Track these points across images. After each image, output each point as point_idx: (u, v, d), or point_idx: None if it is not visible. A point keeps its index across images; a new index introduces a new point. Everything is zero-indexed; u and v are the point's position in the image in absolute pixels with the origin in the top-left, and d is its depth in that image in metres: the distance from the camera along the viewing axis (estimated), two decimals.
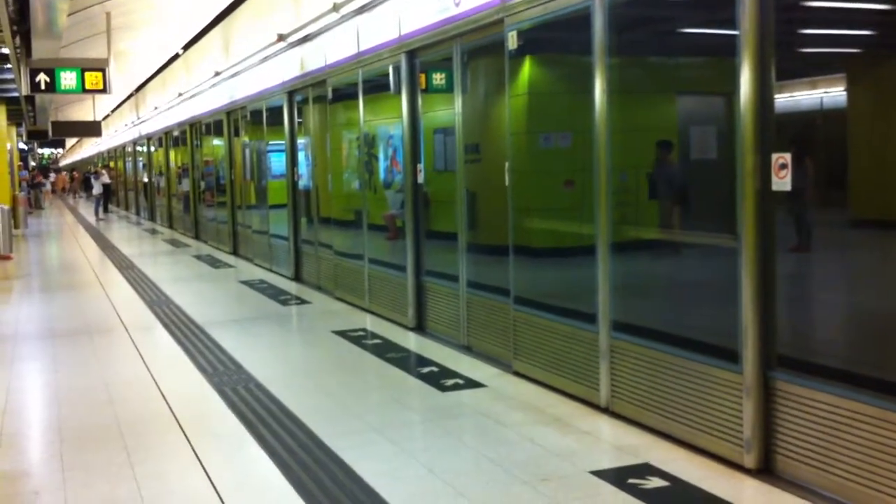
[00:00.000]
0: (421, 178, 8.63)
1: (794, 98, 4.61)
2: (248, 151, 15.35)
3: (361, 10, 9.29)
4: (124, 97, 30.38)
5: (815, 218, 4.62)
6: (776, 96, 4.46)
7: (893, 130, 4.11)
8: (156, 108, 24.53)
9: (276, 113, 13.26)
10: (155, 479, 4.87)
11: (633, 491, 4.45)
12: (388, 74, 8.79)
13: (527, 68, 6.77)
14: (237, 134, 16.17)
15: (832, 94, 4.51)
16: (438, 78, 8.44)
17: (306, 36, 11.14)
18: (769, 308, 4.55)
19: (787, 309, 4.58)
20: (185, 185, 21.59)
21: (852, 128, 4.39)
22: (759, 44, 4.45)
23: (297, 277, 12.78)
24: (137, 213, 32.10)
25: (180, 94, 20.30)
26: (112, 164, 40.87)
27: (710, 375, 4.85)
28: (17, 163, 28.63)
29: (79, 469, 5.06)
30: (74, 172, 58.43)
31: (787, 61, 4.55)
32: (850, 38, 4.48)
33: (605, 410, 5.74)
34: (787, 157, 4.34)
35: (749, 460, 4.61)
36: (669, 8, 5.46)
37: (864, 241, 4.40)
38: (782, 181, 4.37)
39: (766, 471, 4.59)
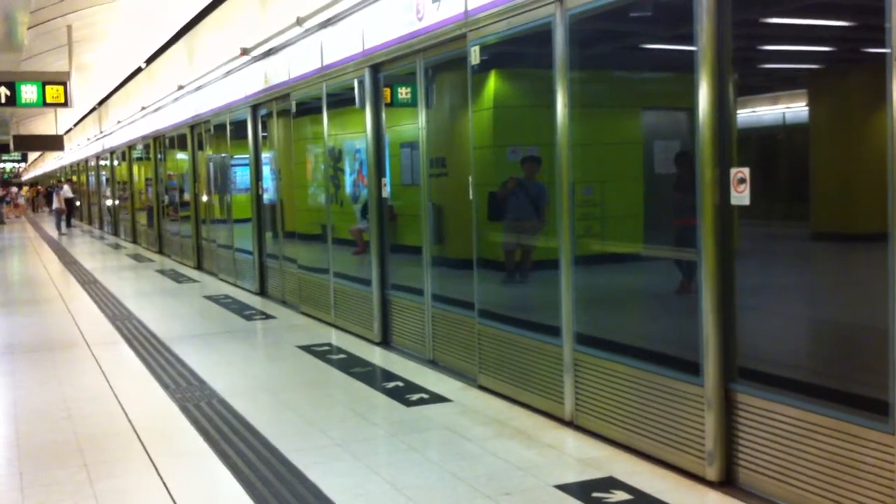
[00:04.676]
0: (386, 193, 8.62)
1: (756, 113, 4.68)
2: (212, 165, 15.28)
3: (325, 24, 9.29)
4: (87, 111, 30.16)
5: (776, 231, 4.68)
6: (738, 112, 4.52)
7: (852, 144, 4.18)
8: (119, 121, 24.34)
9: (240, 127, 13.20)
10: (115, 496, 4.81)
11: None
12: (352, 88, 8.79)
13: (490, 83, 6.80)
14: (201, 148, 16.09)
15: (793, 109, 4.57)
16: (403, 92, 8.45)
17: (270, 49, 11.12)
18: (730, 321, 4.59)
19: (748, 321, 4.62)
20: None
21: (812, 142, 4.46)
22: (716, 60, 4.50)
23: (262, 292, 12.72)
24: (101, 228, 31.79)
25: (143, 108, 20.16)
26: (75, 178, 40.50)
27: (672, 388, 4.88)
28: None
29: (38, 486, 4.98)
30: (39, 186, 57.95)
31: (746, 77, 4.60)
32: (808, 54, 4.55)
33: (570, 424, 5.76)
34: (745, 172, 4.39)
35: (711, 473, 4.64)
36: (630, 23, 5.51)
37: (823, 253, 4.47)
38: (741, 195, 4.42)
39: (729, 483, 4.62)
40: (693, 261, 4.70)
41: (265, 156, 12.58)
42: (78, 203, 36.46)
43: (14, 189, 48.07)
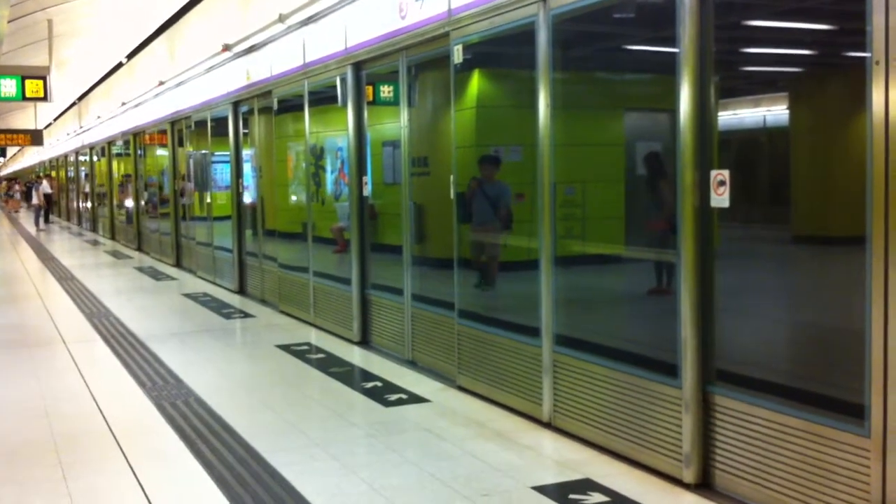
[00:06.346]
0: (367, 191, 8.59)
1: (737, 116, 4.68)
2: (192, 162, 15.19)
3: (308, 21, 9.25)
4: (67, 106, 29.96)
5: (756, 234, 4.69)
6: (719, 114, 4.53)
7: (832, 147, 4.19)
8: (98, 117, 24.18)
9: (221, 123, 13.14)
10: (90, 495, 4.76)
11: None
12: (334, 86, 8.76)
13: (473, 82, 6.79)
14: (181, 144, 15.99)
15: (774, 112, 4.58)
16: (385, 90, 8.43)
17: (252, 46, 11.07)
18: (708, 323, 4.59)
19: (727, 323, 4.63)
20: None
21: (793, 145, 4.46)
22: (698, 62, 4.50)
23: (242, 290, 12.65)
24: (80, 224, 31.58)
25: (123, 104, 20.03)
26: (54, 173, 40.21)
27: (650, 390, 4.88)
28: None
29: (12, 484, 4.93)
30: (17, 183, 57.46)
31: (727, 80, 4.61)
32: (790, 57, 4.56)
33: (548, 425, 5.75)
34: (725, 174, 4.39)
35: (688, 475, 4.64)
36: (613, 25, 5.51)
37: (802, 256, 4.48)
38: (721, 198, 4.42)
39: (705, 485, 4.62)
40: (667, 265, 4.70)
41: (246, 153, 12.52)
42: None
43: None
